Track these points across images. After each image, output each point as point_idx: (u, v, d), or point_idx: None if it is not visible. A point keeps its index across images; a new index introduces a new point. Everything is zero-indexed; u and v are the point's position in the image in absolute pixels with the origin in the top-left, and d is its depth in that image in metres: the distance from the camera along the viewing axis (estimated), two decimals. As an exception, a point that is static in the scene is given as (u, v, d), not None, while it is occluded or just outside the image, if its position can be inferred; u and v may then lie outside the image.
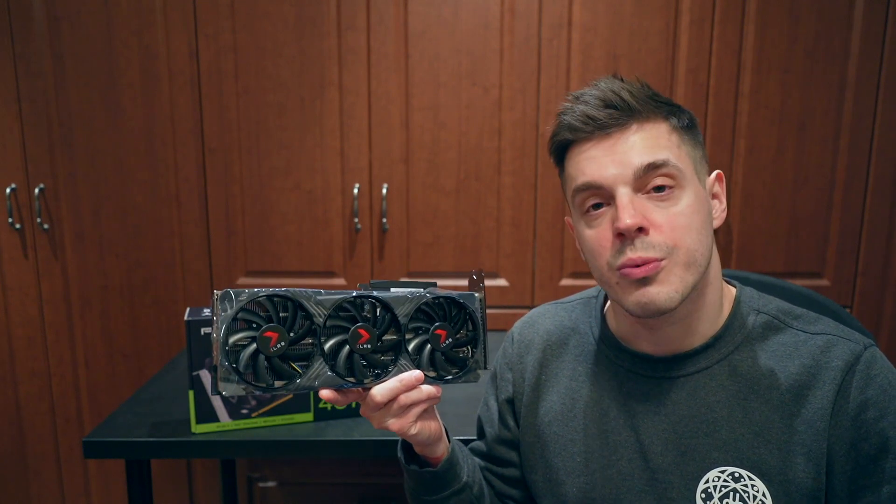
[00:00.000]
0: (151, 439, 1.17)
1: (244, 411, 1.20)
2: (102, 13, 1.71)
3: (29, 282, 1.82)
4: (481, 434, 0.99)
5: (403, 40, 1.72)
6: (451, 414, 1.20)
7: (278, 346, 0.67)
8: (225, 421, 1.19)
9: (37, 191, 1.76)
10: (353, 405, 1.25)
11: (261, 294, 0.67)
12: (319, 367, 0.70)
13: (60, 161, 1.77)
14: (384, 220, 1.79)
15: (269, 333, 0.67)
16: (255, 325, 0.67)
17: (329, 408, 1.24)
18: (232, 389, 0.66)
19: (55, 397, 1.88)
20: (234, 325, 0.66)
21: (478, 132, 1.77)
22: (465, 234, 1.81)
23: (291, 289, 0.69)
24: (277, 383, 0.68)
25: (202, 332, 1.14)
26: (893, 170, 1.74)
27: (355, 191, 1.78)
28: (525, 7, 1.70)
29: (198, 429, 1.17)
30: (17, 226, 1.78)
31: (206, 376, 1.16)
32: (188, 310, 1.17)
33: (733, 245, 1.79)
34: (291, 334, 0.68)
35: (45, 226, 1.79)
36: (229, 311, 0.66)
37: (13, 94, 1.73)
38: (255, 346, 0.66)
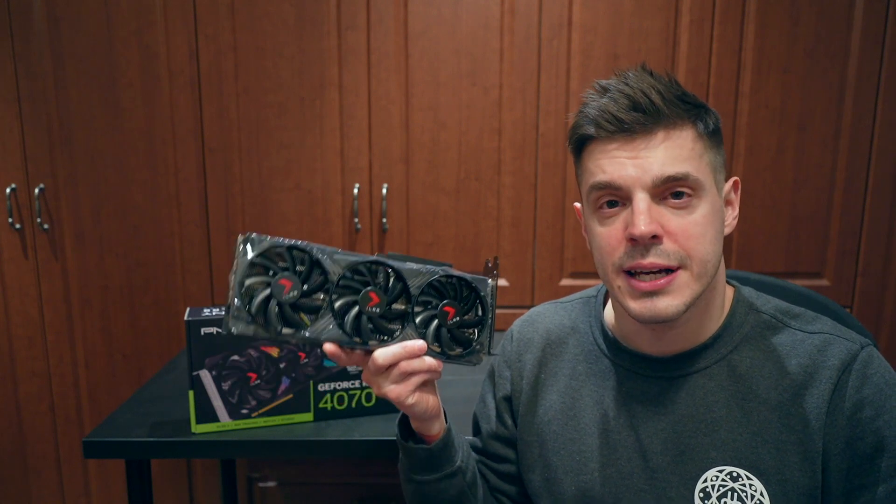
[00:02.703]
0: (151, 439, 1.17)
1: (244, 411, 1.20)
2: (102, 13, 1.71)
3: (29, 282, 1.82)
4: (477, 430, 0.99)
5: (403, 40, 1.72)
6: (451, 413, 1.20)
7: (291, 294, 0.70)
8: (225, 421, 1.19)
9: (37, 191, 1.76)
10: (354, 405, 1.25)
11: (282, 244, 0.70)
12: (327, 322, 0.72)
13: (60, 161, 1.77)
14: (384, 220, 1.79)
15: (283, 281, 0.69)
16: (271, 272, 0.70)
17: (329, 408, 1.24)
18: (241, 328, 0.68)
19: (55, 397, 1.88)
20: (251, 269, 0.69)
21: (478, 132, 1.77)
22: (465, 234, 1.81)
23: (311, 243, 0.71)
24: (285, 331, 0.70)
25: (202, 332, 1.14)
26: (893, 170, 1.74)
27: (355, 191, 1.78)
28: (525, 7, 1.70)
29: (198, 429, 1.17)
30: (17, 226, 1.78)
31: (206, 376, 1.16)
32: (188, 310, 1.17)
33: (733, 245, 1.79)
34: (305, 286, 0.71)
35: (45, 226, 1.79)
36: (250, 255, 0.68)
37: (13, 94, 1.73)
38: (268, 291, 0.69)
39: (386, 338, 0.75)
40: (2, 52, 1.71)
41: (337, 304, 0.72)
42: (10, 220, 1.78)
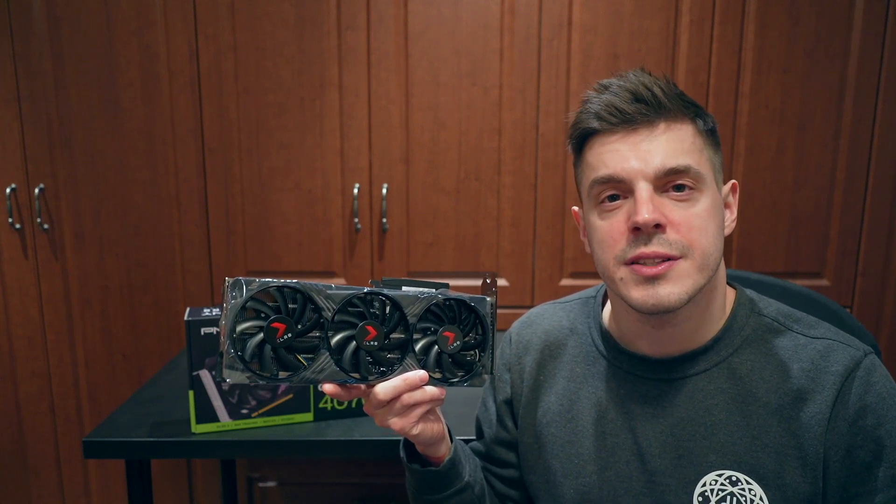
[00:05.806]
0: (151, 439, 1.17)
1: (244, 411, 1.20)
2: (102, 13, 1.71)
3: (29, 282, 1.82)
4: (480, 434, 0.99)
5: (403, 40, 1.72)
6: (452, 413, 1.20)
7: (285, 337, 0.68)
8: (225, 421, 1.19)
9: (37, 191, 1.76)
10: (354, 404, 1.25)
11: (271, 284, 0.68)
12: (325, 360, 0.70)
13: (60, 161, 1.77)
14: (384, 220, 1.79)
15: (276, 324, 0.67)
16: (263, 315, 0.67)
17: (329, 408, 1.24)
18: (236, 377, 0.66)
19: (55, 397, 1.88)
20: (242, 314, 0.67)
21: (478, 132, 1.77)
22: (465, 234, 1.81)
23: (302, 281, 0.69)
24: (282, 374, 0.69)
25: (202, 332, 1.14)
26: (893, 170, 1.74)
27: (355, 191, 1.78)
28: (525, 7, 1.70)
29: (198, 429, 1.17)
30: (17, 226, 1.78)
31: (206, 376, 1.16)
32: (188, 310, 1.17)
33: (733, 245, 1.79)
34: (299, 326, 0.69)
35: (45, 226, 1.79)
36: (239, 300, 0.66)
37: (13, 94, 1.73)
38: (261, 335, 0.67)
39: (386, 370, 0.73)
40: (2, 52, 1.71)
41: (334, 341, 0.70)
42: (10, 220, 1.78)
